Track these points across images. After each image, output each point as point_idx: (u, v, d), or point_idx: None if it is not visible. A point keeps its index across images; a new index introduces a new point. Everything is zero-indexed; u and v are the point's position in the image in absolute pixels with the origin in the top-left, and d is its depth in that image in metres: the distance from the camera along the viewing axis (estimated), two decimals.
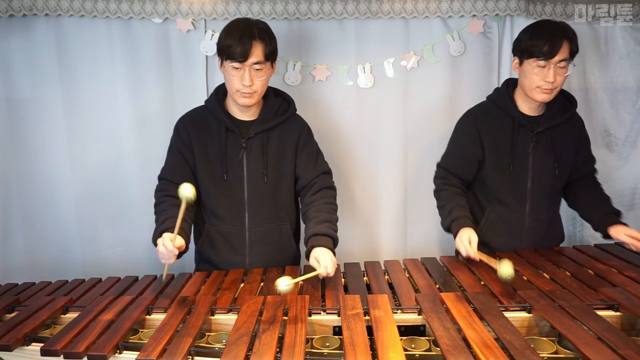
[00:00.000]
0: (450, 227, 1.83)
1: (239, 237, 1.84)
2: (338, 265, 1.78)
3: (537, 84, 1.78)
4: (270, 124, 1.81)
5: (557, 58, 1.74)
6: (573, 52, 1.77)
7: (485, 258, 1.69)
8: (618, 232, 1.79)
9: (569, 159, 1.92)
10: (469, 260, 1.76)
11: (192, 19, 2.22)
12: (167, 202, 1.73)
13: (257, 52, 1.68)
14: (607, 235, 1.83)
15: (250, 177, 1.81)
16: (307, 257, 1.65)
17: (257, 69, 1.70)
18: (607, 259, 1.78)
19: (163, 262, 1.59)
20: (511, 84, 1.95)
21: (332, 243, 1.68)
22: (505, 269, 1.49)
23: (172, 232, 1.56)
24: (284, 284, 1.39)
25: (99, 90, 2.27)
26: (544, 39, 1.74)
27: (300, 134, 1.86)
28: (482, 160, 1.92)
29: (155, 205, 1.78)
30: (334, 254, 1.64)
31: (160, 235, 1.58)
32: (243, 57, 1.66)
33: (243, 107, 1.80)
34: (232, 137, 1.80)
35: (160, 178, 1.84)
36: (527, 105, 1.89)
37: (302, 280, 1.54)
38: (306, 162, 1.86)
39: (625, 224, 1.82)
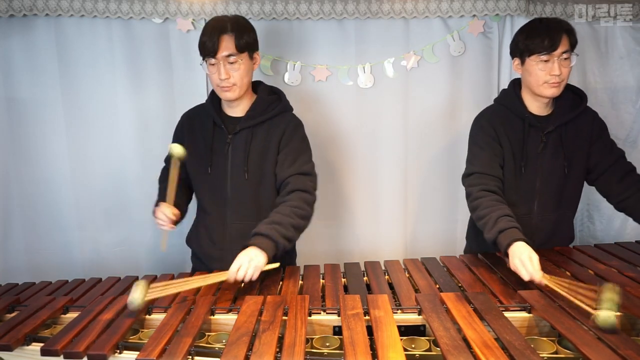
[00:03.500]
0: (498, 239, 1.62)
1: (219, 231, 1.87)
2: (338, 265, 1.78)
3: (544, 79, 1.76)
4: (255, 120, 1.82)
5: (559, 50, 1.73)
6: (573, 43, 1.76)
7: (556, 285, 1.40)
8: None
9: (582, 156, 1.87)
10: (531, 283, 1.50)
11: (192, 19, 2.22)
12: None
13: (227, 44, 1.71)
14: None
15: (233, 173, 1.82)
16: None
17: (232, 62, 1.73)
18: (607, 259, 1.77)
19: (162, 229, 1.71)
20: (518, 85, 1.91)
21: (271, 246, 1.58)
22: (606, 318, 1.19)
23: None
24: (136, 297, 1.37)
25: (99, 90, 2.27)
26: (542, 35, 1.73)
27: (285, 132, 1.82)
28: (503, 159, 1.87)
29: (159, 182, 1.90)
30: (271, 260, 1.58)
31: (156, 204, 1.74)
32: (213, 51, 1.71)
33: (234, 104, 1.82)
34: (219, 132, 1.84)
35: (165, 161, 1.94)
36: (535, 105, 1.86)
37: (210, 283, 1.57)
38: (284, 158, 1.79)
39: None
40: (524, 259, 1.49)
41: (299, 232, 1.70)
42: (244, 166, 1.81)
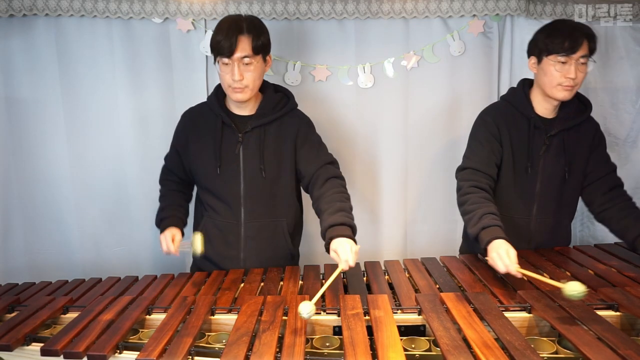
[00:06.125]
0: (480, 235, 1.63)
1: (234, 231, 1.85)
2: (338, 265, 1.78)
3: (558, 81, 1.74)
4: (267, 118, 1.81)
5: (578, 54, 1.71)
6: (592, 49, 1.75)
7: (530, 275, 1.49)
8: None
9: (581, 163, 1.88)
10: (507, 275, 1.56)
11: (192, 19, 2.22)
12: (166, 185, 1.96)
13: (244, 46, 1.68)
14: None
15: (246, 172, 1.81)
16: (327, 250, 1.59)
17: (246, 63, 1.70)
18: (607, 259, 1.78)
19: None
20: (527, 84, 1.90)
21: (350, 231, 1.60)
22: (574, 287, 1.31)
23: (172, 224, 1.83)
24: (306, 310, 1.25)
25: (99, 90, 2.27)
26: (563, 36, 1.72)
27: (299, 129, 1.84)
28: (501, 159, 1.87)
29: (160, 184, 1.99)
30: (355, 242, 1.57)
31: (160, 223, 1.86)
32: (229, 52, 1.68)
33: (240, 103, 1.81)
34: (229, 131, 1.81)
35: (165, 159, 1.99)
36: (542, 106, 1.85)
37: (328, 287, 1.43)
38: (307, 155, 1.83)
39: None
40: (501, 253, 1.52)
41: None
42: (260, 165, 1.80)
